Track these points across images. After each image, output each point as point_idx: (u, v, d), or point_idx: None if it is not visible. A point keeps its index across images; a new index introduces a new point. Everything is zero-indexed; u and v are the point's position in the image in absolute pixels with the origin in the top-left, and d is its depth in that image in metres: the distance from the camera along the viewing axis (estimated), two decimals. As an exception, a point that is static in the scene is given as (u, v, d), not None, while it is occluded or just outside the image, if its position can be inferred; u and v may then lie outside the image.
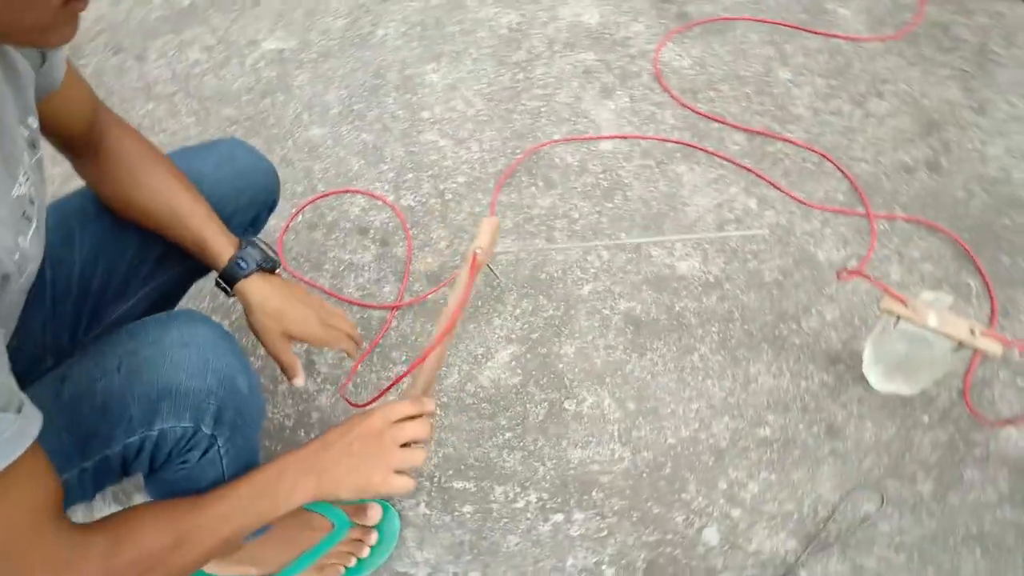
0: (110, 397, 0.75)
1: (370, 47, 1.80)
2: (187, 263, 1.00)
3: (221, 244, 0.92)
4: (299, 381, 0.98)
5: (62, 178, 1.49)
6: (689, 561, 1.17)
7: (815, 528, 1.19)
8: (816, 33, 1.80)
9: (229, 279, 0.93)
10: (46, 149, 0.79)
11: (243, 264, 0.93)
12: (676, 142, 1.61)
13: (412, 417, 0.84)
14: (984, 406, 1.29)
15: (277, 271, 0.98)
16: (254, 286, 0.93)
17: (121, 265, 0.98)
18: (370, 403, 1.00)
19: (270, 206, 1.11)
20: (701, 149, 1.60)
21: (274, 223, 1.49)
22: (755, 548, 1.18)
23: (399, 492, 0.81)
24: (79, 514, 1.12)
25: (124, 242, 0.97)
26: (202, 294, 1.41)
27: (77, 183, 0.96)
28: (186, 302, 1.15)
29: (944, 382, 1.30)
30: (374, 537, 1.17)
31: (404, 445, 0.82)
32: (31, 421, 0.59)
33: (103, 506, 1.18)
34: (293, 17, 1.87)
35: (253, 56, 1.80)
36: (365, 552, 1.17)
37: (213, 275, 0.96)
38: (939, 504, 1.21)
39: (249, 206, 1.06)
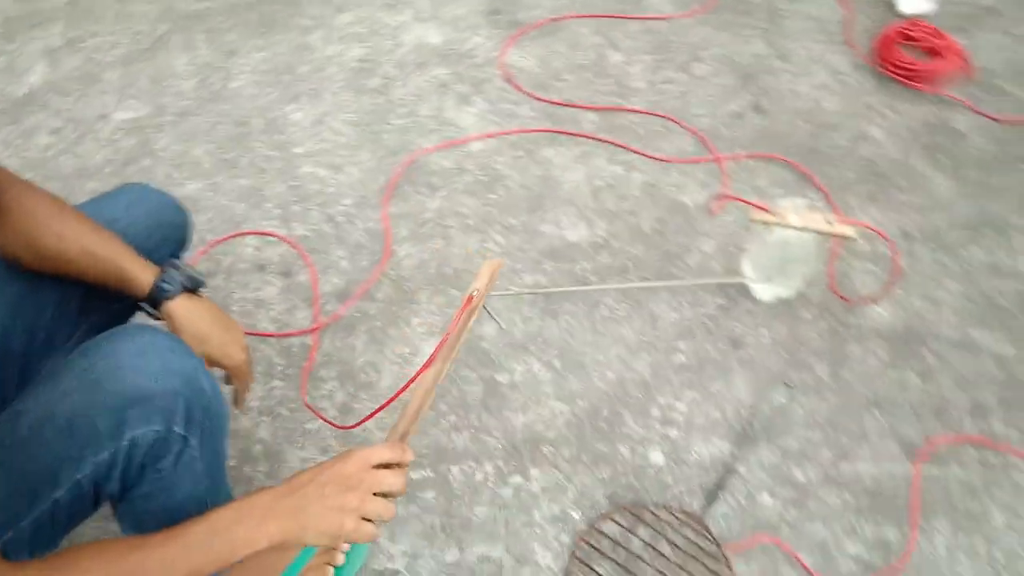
0: (74, 416, 0.75)
1: (226, 100, 1.84)
2: (111, 307, 1.01)
3: (142, 270, 0.93)
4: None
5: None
6: (643, 484, 1.27)
7: (741, 428, 1.33)
8: (634, 18, 2.00)
9: (154, 302, 0.94)
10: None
11: (167, 286, 0.94)
12: (538, 131, 1.75)
13: (389, 464, 0.80)
14: (848, 291, 1.49)
15: (202, 292, 1.00)
16: (180, 307, 0.94)
17: (42, 321, 0.97)
18: (357, 424, 1.04)
19: (183, 243, 1.13)
20: (562, 132, 1.75)
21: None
22: (696, 458, 1.30)
23: (367, 540, 0.79)
24: None
25: (41, 298, 0.96)
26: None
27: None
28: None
29: (814, 281, 1.48)
30: (347, 544, 1.19)
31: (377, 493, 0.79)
32: None
33: None
34: (139, 87, 1.87)
35: (107, 129, 1.79)
36: (340, 559, 1.18)
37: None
38: (836, 381, 1.39)
39: (162, 244, 1.07)
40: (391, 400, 0.95)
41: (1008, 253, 1.56)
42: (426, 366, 0.89)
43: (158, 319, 0.96)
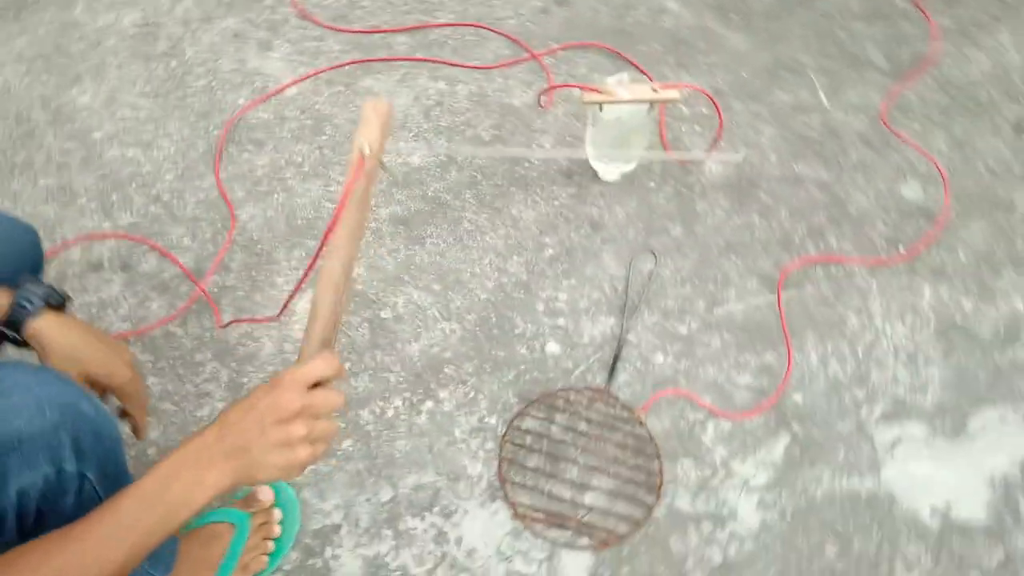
0: None
1: (-6, 98, 1.62)
2: None
3: None
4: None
5: None
6: (546, 375, 1.31)
7: (621, 300, 1.39)
8: (416, -67, 1.94)
9: (15, 324, 0.82)
10: None
11: (27, 303, 0.82)
12: (352, 63, 1.68)
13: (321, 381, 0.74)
14: (681, 151, 1.57)
15: (67, 308, 0.89)
16: (47, 324, 0.83)
17: None
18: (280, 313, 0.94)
19: (38, 264, 0.99)
20: (376, 60, 1.69)
21: None
22: (588, 339, 1.35)
23: (322, 459, 0.74)
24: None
25: None
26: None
27: None
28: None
29: (651, 149, 1.55)
30: (278, 513, 1.15)
31: None
32: None
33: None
34: None
35: None
36: (276, 531, 1.15)
37: None
38: (691, 238, 1.47)
39: (15, 272, 0.91)
40: (301, 283, 0.89)
41: (807, 89, 1.70)
42: (329, 231, 0.78)
43: (23, 345, 0.84)
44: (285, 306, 0.93)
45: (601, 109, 1.35)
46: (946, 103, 1.67)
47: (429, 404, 1.28)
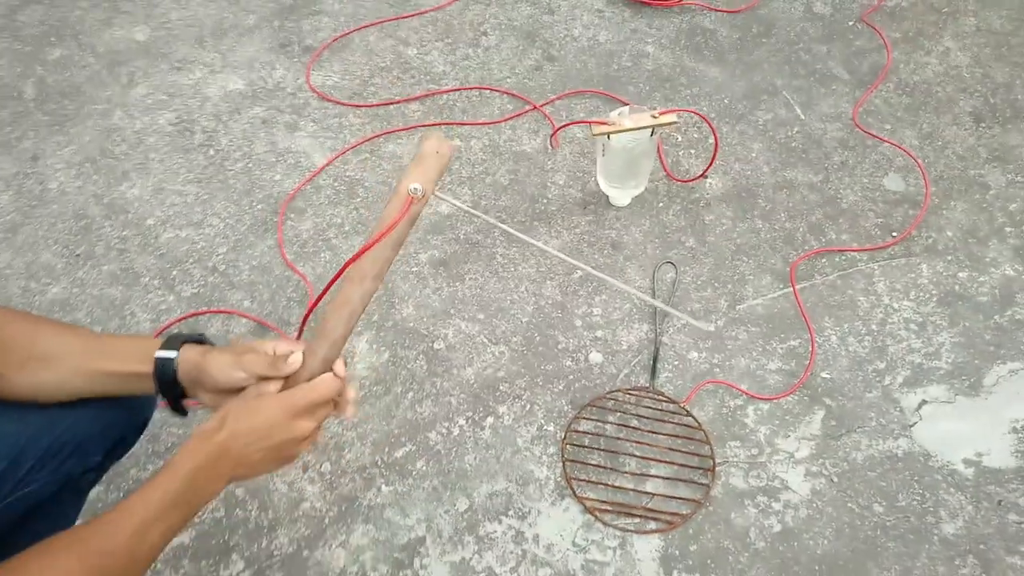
0: None
1: (52, 201, 1.74)
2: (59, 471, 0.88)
3: (137, 359, 0.82)
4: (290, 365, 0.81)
5: None
6: (593, 382, 1.40)
7: (650, 309, 1.50)
8: (411, 16, 2.11)
9: (170, 393, 0.83)
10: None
11: (169, 350, 0.83)
12: (375, 136, 1.82)
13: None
14: (683, 175, 1.70)
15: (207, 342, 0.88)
16: (192, 353, 0.83)
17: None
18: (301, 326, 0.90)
19: (139, 427, 0.99)
20: (395, 130, 1.83)
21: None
22: (626, 346, 1.45)
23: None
24: None
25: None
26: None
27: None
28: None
29: (654, 176, 1.68)
30: None
31: None
32: None
33: None
34: (-54, 218, 1.72)
35: (-69, 269, 1.64)
36: None
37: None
38: (704, 247, 1.59)
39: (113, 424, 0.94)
40: (318, 300, 0.86)
41: (784, 107, 1.85)
42: (355, 257, 0.77)
43: (182, 412, 0.86)
44: (303, 323, 0.89)
45: (609, 139, 1.49)
46: (909, 103, 1.83)
47: (490, 420, 1.36)
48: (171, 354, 0.82)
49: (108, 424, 0.92)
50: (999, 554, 1.19)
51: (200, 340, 0.87)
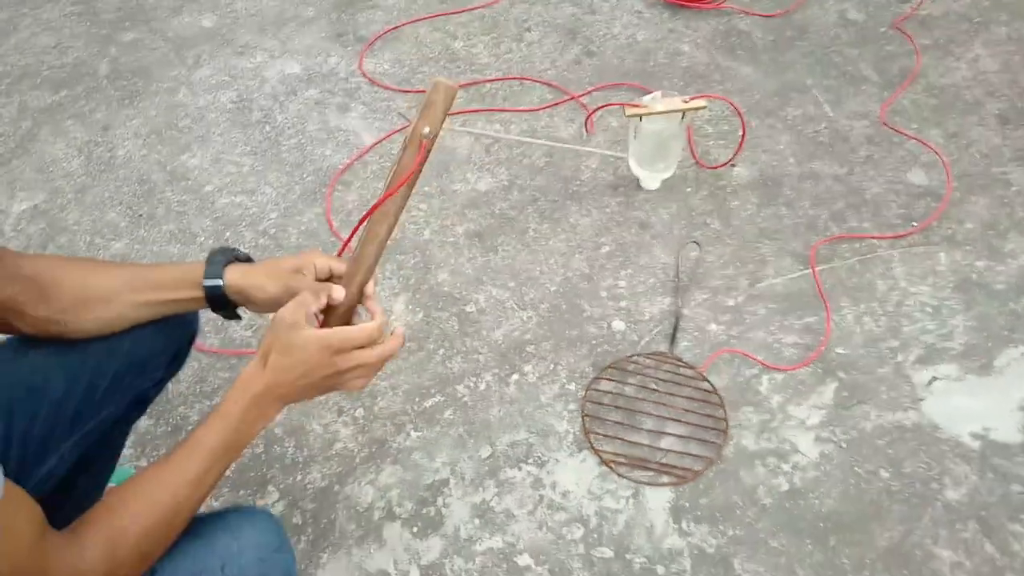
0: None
1: (119, 167, 1.87)
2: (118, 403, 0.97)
3: (183, 270, 0.90)
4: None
5: None
6: (616, 348, 1.47)
7: (673, 283, 1.56)
8: (461, 12, 2.22)
9: (219, 303, 0.90)
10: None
11: (216, 265, 0.89)
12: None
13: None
14: (712, 162, 1.77)
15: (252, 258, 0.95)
16: (236, 274, 0.89)
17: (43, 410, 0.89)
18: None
19: (190, 339, 1.07)
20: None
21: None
22: (648, 316, 1.51)
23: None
24: None
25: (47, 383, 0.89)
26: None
27: None
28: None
29: (684, 163, 1.75)
30: None
31: None
32: None
33: None
34: (26, 179, 1.86)
35: (9, 222, 1.77)
36: None
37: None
38: (729, 229, 1.65)
39: (168, 344, 1.01)
40: (352, 235, 0.90)
41: (813, 104, 1.90)
42: (382, 201, 0.84)
43: (233, 316, 0.94)
44: (344, 247, 0.92)
45: (640, 121, 1.56)
46: (936, 104, 1.87)
47: (516, 377, 1.43)
48: (217, 282, 0.89)
49: (165, 341, 1.00)
50: (1001, 521, 1.22)
51: (240, 258, 0.94)
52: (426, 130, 0.83)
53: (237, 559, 0.78)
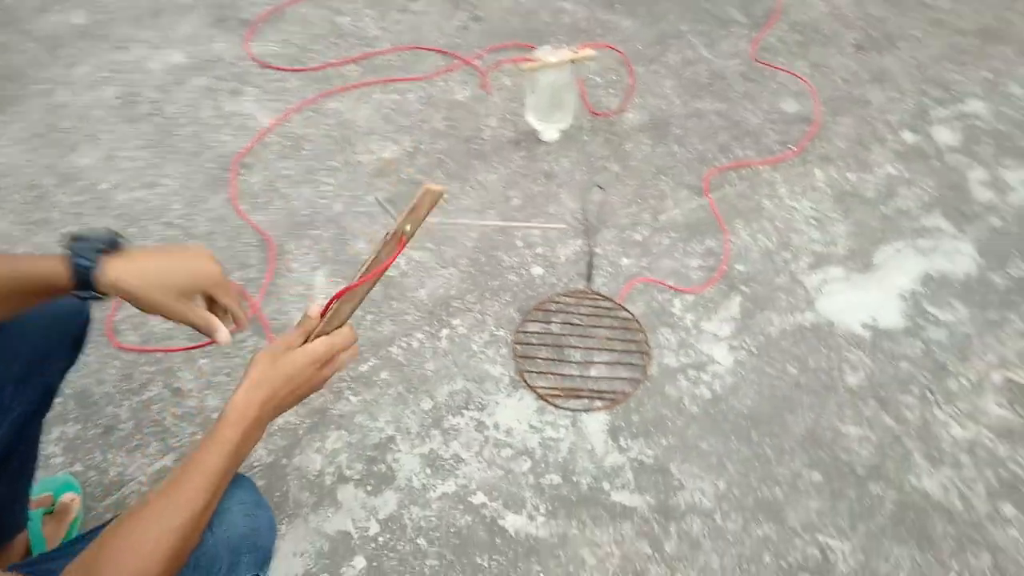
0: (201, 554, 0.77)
1: (3, 175, 1.77)
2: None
3: (49, 265, 0.79)
4: (223, 336, 0.86)
5: None
6: (537, 291, 1.53)
7: (583, 226, 1.63)
8: (341, -11, 2.22)
9: (86, 284, 0.79)
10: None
11: (85, 261, 0.78)
12: (315, 99, 1.91)
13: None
14: (603, 109, 1.85)
15: (124, 246, 0.84)
16: (115, 276, 0.79)
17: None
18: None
19: (85, 322, 1.02)
20: (335, 91, 1.92)
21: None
22: (564, 259, 1.58)
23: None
24: None
25: None
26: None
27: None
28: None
29: (578, 114, 1.81)
30: None
31: None
32: None
33: None
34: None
35: None
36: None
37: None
38: (627, 171, 1.73)
39: (59, 343, 0.98)
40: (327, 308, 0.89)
41: (690, 48, 2.01)
42: (340, 295, 0.86)
43: (100, 297, 0.81)
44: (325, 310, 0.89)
45: (536, 74, 1.61)
46: (799, 39, 2.01)
47: (446, 331, 1.47)
48: (92, 292, 0.80)
49: (63, 329, 0.98)
50: (894, 395, 1.36)
51: (115, 245, 0.82)
52: (407, 228, 0.88)
53: (226, 515, 0.79)
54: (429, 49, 2.02)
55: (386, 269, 0.89)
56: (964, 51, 2.01)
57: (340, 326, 0.87)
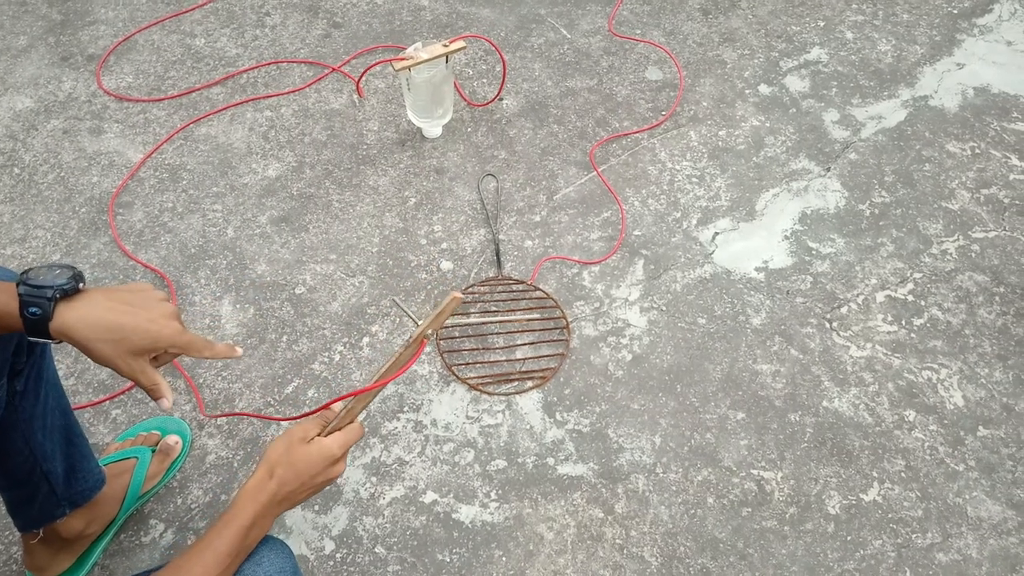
0: None
1: None
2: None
3: (2, 301, 0.71)
4: (166, 402, 0.79)
5: None
6: (449, 285, 1.51)
7: (483, 215, 1.63)
8: (189, 11, 2.09)
9: (37, 331, 0.72)
10: None
11: (35, 310, 0.71)
12: (187, 124, 1.80)
13: None
14: (481, 99, 1.85)
15: (83, 286, 0.76)
16: (65, 324, 0.71)
17: None
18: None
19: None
20: (204, 116, 1.82)
21: None
22: (470, 250, 1.57)
23: None
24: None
25: None
26: None
27: None
28: None
29: (458, 108, 1.80)
30: (173, 440, 1.29)
31: None
32: None
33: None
34: None
35: None
36: (176, 451, 1.28)
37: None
38: (515, 156, 1.74)
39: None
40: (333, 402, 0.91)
41: (552, 31, 2.04)
42: (364, 391, 0.90)
43: (54, 340, 0.74)
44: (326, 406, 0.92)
45: (411, 73, 1.59)
46: (650, 9, 2.08)
47: (366, 339, 1.44)
48: (40, 339, 0.74)
49: (4, 340, 0.87)
50: (795, 328, 1.45)
51: (72, 289, 0.74)
52: (429, 332, 0.91)
53: None
54: (294, 61, 1.95)
55: (406, 370, 0.94)
56: (799, 3, 2.14)
57: (351, 422, 0.90)
